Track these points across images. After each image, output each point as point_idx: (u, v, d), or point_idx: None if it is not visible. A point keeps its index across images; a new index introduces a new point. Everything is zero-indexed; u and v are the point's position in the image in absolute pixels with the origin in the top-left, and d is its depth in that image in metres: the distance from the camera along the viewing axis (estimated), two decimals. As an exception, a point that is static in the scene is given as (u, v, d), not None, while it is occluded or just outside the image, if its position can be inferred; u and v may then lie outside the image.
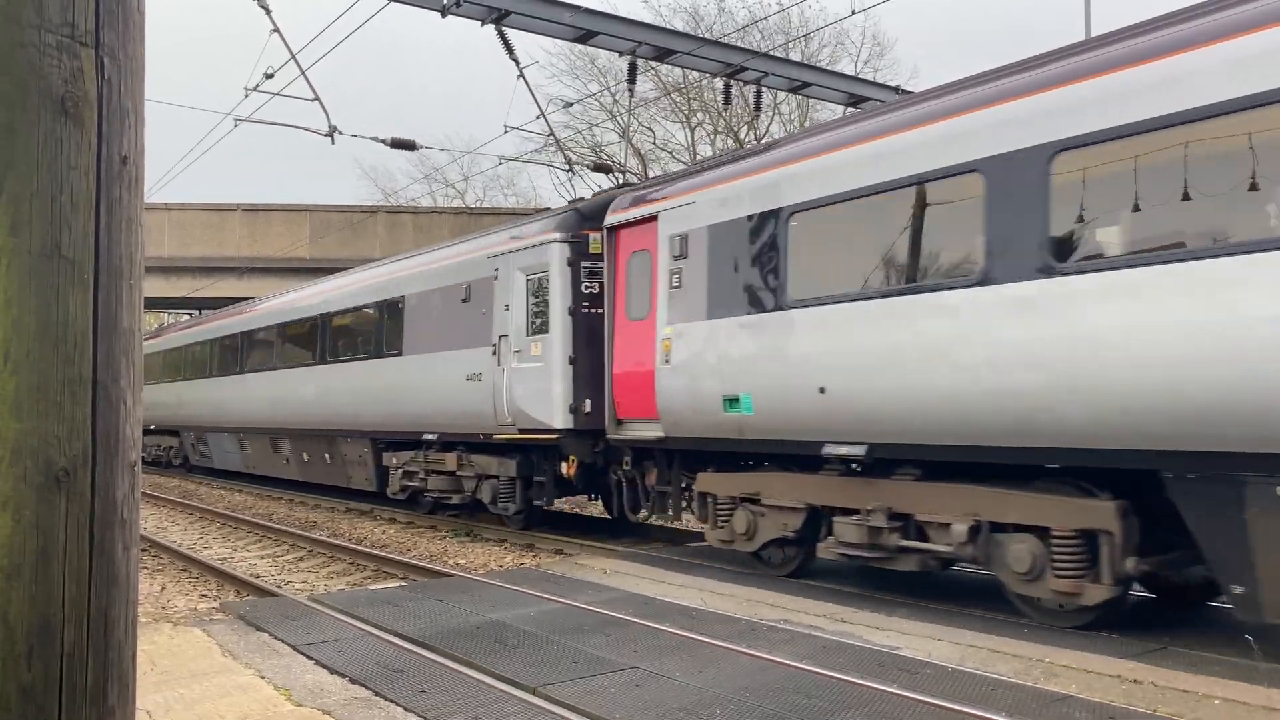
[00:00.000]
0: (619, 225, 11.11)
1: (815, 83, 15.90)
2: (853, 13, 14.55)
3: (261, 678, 6.08)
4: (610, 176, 26.37)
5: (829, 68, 23.97)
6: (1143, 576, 7.17)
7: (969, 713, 5.13)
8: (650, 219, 10.49)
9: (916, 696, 5.42)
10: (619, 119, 34.22)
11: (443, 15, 12.08)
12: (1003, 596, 7.57)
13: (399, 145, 16.07)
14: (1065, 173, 6.63)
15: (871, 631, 7.08)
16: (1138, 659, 6.18)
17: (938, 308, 7.34)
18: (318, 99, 14.02)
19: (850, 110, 15.21)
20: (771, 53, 19.94)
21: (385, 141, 15.93)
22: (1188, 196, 6.02)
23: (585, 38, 13.40)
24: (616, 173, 30.50)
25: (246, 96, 14.86)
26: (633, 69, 14.51)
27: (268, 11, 13.07)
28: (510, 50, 13.42)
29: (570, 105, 25.73)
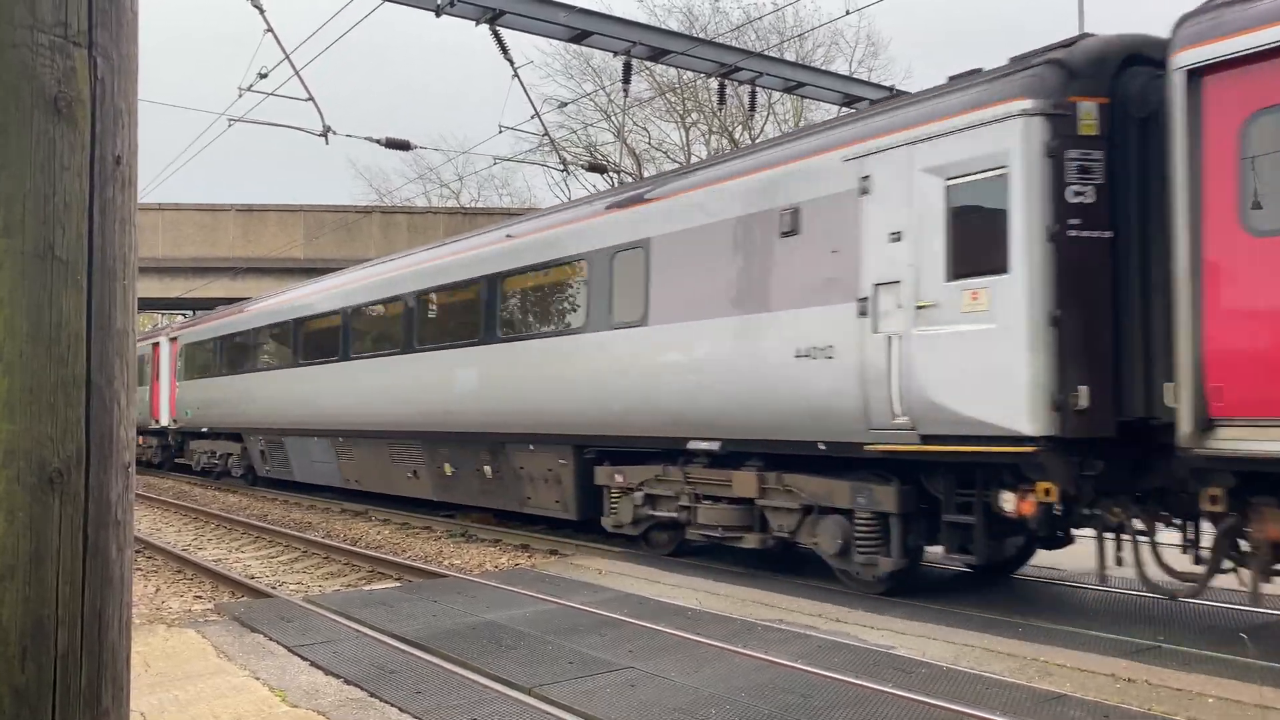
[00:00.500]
0: (1222, 62, 6.19)
1: (810, 83, 15.92)
2: (847, 13, 14.58)
3: (256, 679, 6.07)
4: (605, 177, 26.38)
5: (823, 68, 24.03)
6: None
7: (964, 712, 5.14)
8: None
9: (911, 696, 5.43)
10: (614, 119, 34.26)
11: (437, 15, 12.06)
12: (998, 594, 7.58)
13: (393, 145, 16.05)
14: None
15: (866, 631, 7.09)
16: (1132, 658, 6.20)
17: None
18: (312, 99, 14.00)
19: (843, 110, 15.23)
20: (766, 53, 19.99)
21: (380, 141, 15.91)
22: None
23: (580, 38, 13.40)
24: (611, 173, 30.49)
25: (240, 96, 14.84)
26: (627, 69, 14.51)
27: (261, 11, 13.04)
28: (505, 50, 13.41)
29: (565, 105, 25.76)
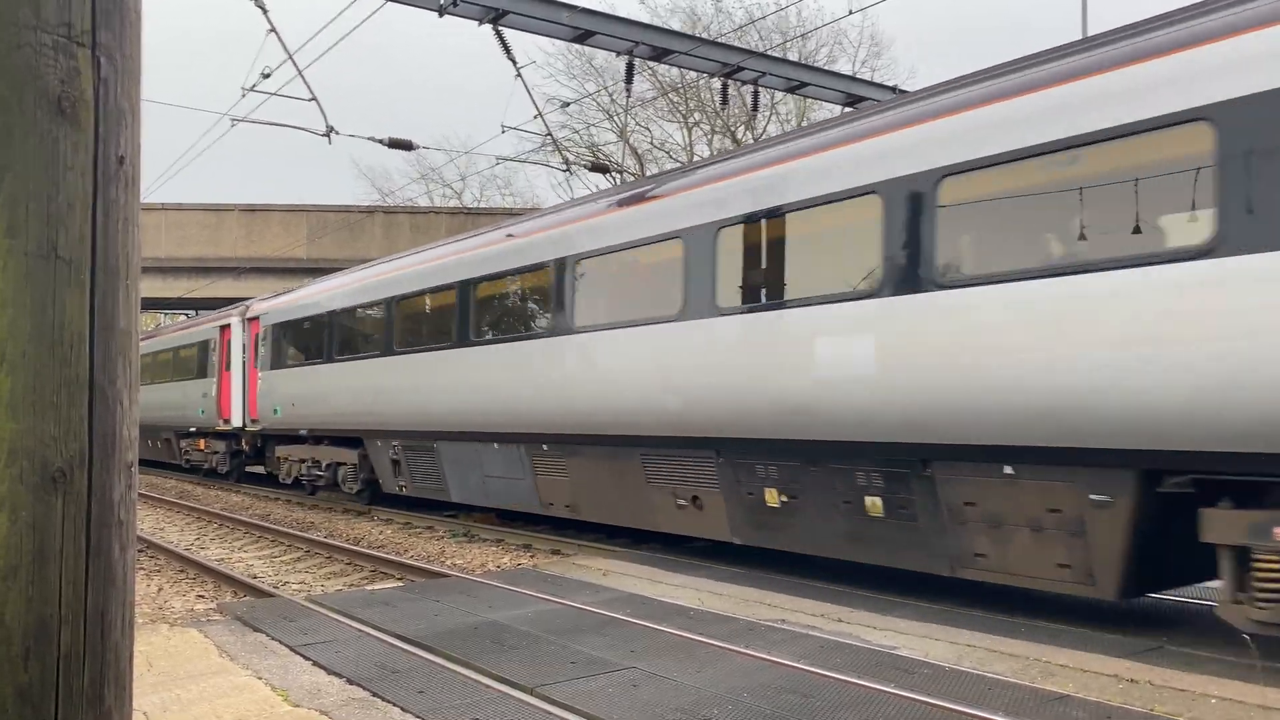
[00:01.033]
0: None
1: (813, 82, 15.91)
2: (850, 12, 14.58)
3: (259, 678, 6.07)
4: (608, 177, 26.39)
5: (826, 67, 24.01)
6: None
7: (966, 712, 5.13)
8: None
9: (914, 696, 5.42)
10: (616, 119, 34.27)
11: (440, 15, 12.07)
12: (1000, 595, 7.58)
13: (396, 145, 16.06)
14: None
15: (869, 631, 7.08)
16: (1135, 658, 6.19)
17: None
18: (315, 99, 14.01)
19: (846, 110, 15.22)
20: (769, 52, 19.97)
21: (383, 141, 15.92)
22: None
23: (583, 38, 13.40)
24: (614, 173, 30.50)
25: (243, 96, 14.85)
26: (630, 69, 14.51)
27: (264, 11, 13.05)
28: (507, 50, 13.42)
29: (568, 105, 25.78)
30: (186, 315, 37.19)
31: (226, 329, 22.10)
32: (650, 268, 10.34)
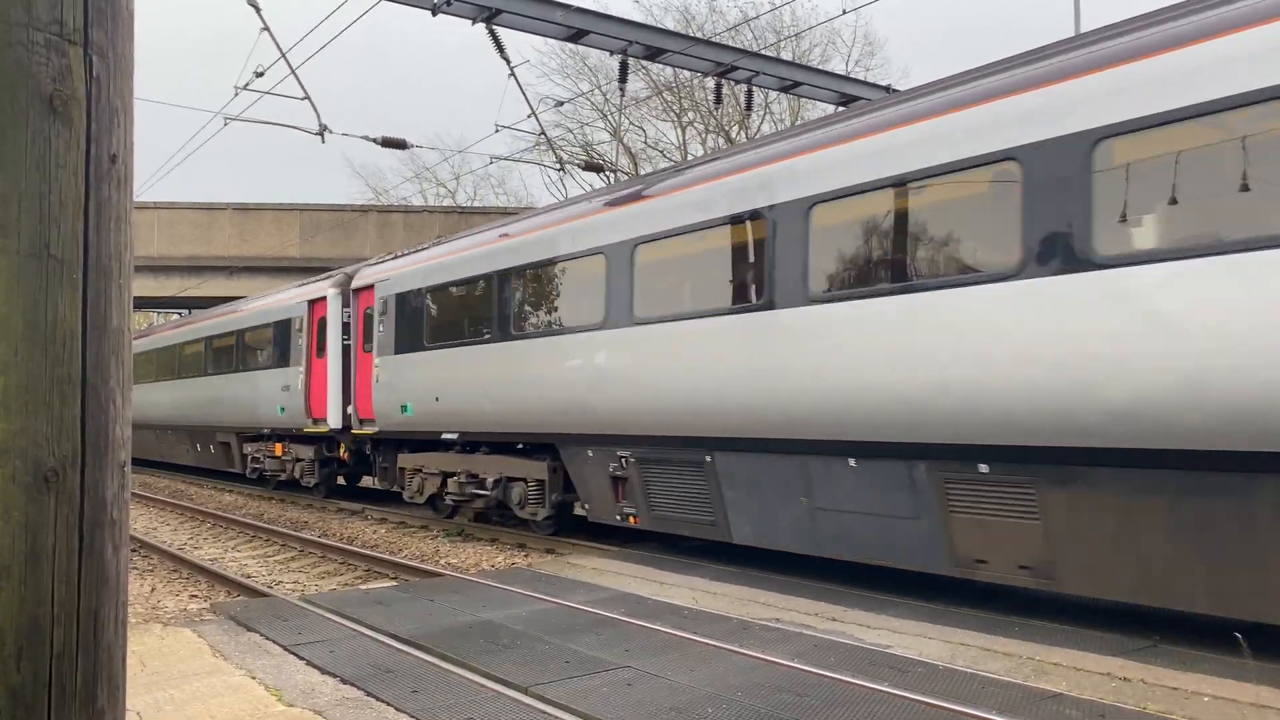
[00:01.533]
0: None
1: (806, 82, 15.92)
2: (844, 12, 14.60)
3: (252, 678, 6.06)
4: (602, 176, 26.39)
5: (820, 67, 24.03)
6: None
7: (960, 711, 5.14)
8: None
9: (908, 695, 5.43)
10: (610, 118, 34.29)
11: (433, 14, 12.05)
12: (996, 595, 7.59)
13: (389, 144, 16.03)
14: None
15: (863, 630, 7.09)
16: (1128, 656, 6.21)
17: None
18: (308, 98, 13.98)
19: (840, 109, 15.24)
20: (763, 52, 19.99)
21: (376, 140, 15.89)
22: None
23: (576, 37, 13.38)
24: (608, 172, 30.48)
25: (236, 95, 14.82)
26: (624, 68, 14.50)
27: (257, 10, 13.02)
28: (501, 49, 13.40)
29: (561, 104, 25.75)
30: (179, 314, 37.09)
31: (318, 304, 17.50)
32: None
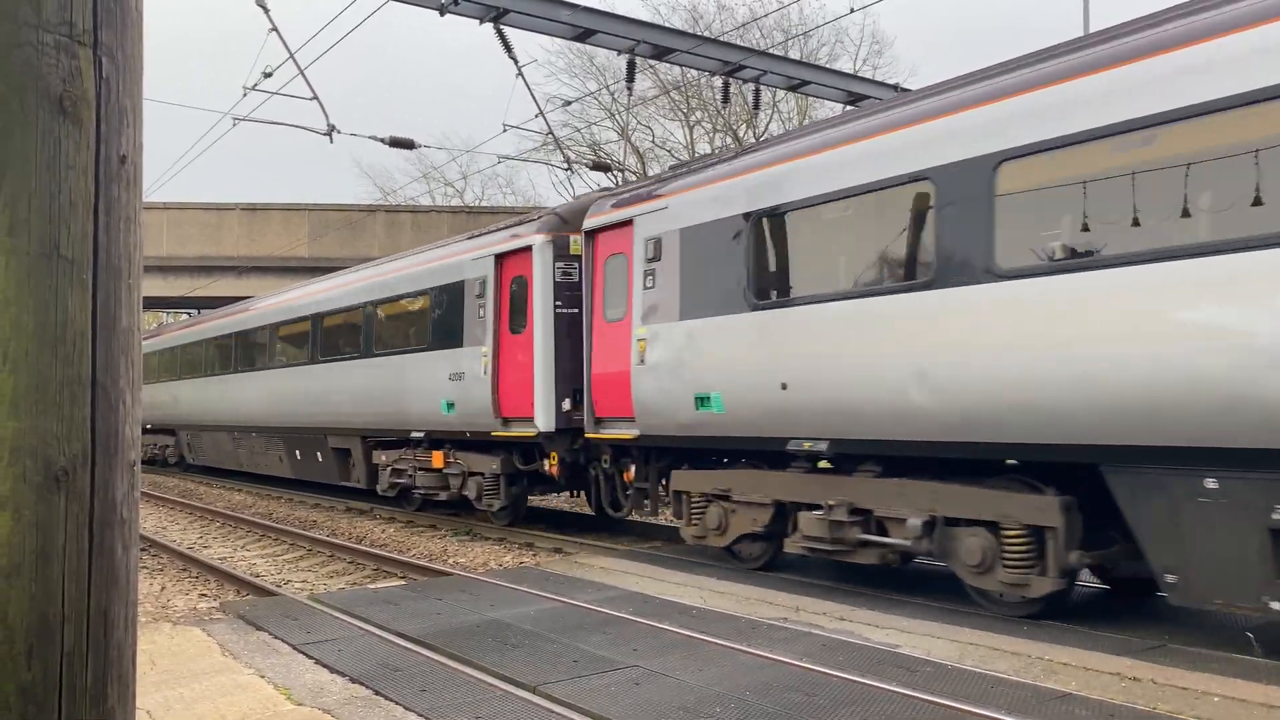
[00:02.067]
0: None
1: (814, 81, 15.91)
2: (851, 11, 14.58)
3: (261, 677, 6.08)
4: (609, 175, 26.39)
5: (828, 66, 24.01)
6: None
7: (969, 710, 5.13)
8: None
9: (916, 694, 5.42)
10: (618, 117, 34.30)
11: (441, 14, 12.07)
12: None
13: (398, 144, 16.06)
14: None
15: (871, 630, 7.08)
16: (1137, 656, 6.19)
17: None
18: (316, 98, 14.01)
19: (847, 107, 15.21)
20: (770, 51, 19.96)
21: (384, 140, 15.92)
22: None
23: (584, 36, 13.39)
24: (615, 171, 30.51)
25: (245, 95, 14.85)
26: (631, 67, 14.50)
27: (266, 10, 13.06)
28: (509, 49, 13.42)
29: (569, 104, 25.75)
30: (189, 314, 37.18)
31: (513, 258, 12.53)
32: None
